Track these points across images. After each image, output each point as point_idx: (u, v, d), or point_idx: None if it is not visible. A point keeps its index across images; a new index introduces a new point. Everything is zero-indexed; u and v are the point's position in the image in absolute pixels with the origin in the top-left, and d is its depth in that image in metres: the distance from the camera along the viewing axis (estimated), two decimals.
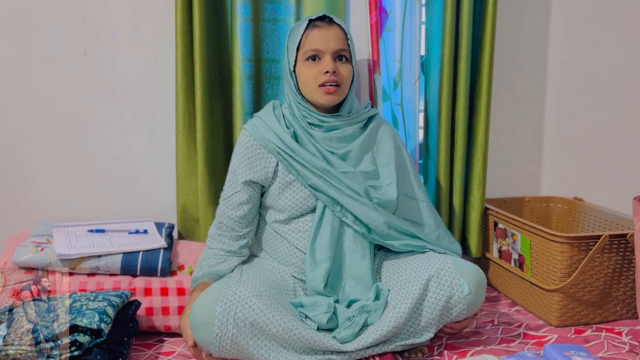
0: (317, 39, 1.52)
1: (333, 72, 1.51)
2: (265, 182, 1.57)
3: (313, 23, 1.54)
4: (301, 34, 1.53)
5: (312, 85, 1.53)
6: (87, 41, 1.84)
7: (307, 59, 1.53)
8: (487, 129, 1.96)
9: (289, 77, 1.57)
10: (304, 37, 1.53)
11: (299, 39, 1.53)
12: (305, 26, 1.54)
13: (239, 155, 1.58)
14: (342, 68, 1.54)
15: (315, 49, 1.52)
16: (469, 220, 2.01)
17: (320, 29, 1.53)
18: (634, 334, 1.67)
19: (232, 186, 1.58)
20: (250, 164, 1.56)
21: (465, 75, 1.90)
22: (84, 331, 1.32)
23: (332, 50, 1.52)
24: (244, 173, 1.56)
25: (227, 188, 1.60)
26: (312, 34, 1.53)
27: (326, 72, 1.51)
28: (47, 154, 1.88)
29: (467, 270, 1.52)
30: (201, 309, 1.43)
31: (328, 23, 1.54)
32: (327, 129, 1.57)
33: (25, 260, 1.57)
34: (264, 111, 1.61)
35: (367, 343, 1.42)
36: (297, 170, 1.54)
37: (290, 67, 1.56)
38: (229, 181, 1.60)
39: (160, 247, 1.67)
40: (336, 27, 1.54)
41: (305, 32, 1.53)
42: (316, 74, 1.52)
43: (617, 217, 1.89)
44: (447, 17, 1.86)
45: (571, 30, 2.14)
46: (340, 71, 1.53)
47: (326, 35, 1.52)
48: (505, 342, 1.62)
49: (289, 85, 1.59)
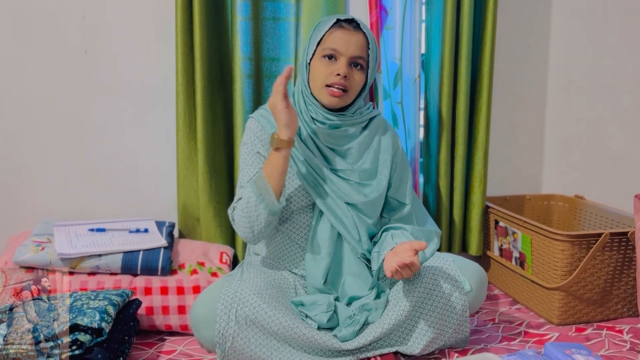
0: (339, 39, 1.51)
1: (344, 76, 1.50)
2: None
3: (340, 23, 1.53)
4: (326, 29, 1.52)
5: (320, 83, 1.53)
6: (88, 40, 1.84)
7: (324, 56, 1.53)
8: (487, 127, 1.96)
9: (304, 68, 1.57)
10: (328, 34, 1.52)
11: (323, 34, 1.53)
12: (332, 24, 1.53)
13: (249, 137, 1.56)
14: (355, 74, 1.53)
15: (334, 48, 1.51)
16: (469, 219, 2.01)
17: (345, 31, 1.52)
18: (635, 332, 1.67)
19: (249, 165, 1.54)
20: (262, 142, 1.55)
21: (465, 73, 1.90)
22: (85, 330, 1.32)
23: (350, 55, 1.52)
24: (258, 146, 1.54)
25: (243, 173, 1.55)
26: (336, 33, 1.52)
27: (337, 75, 1.51)
28: (47, 152, 1.88)
29: (468, 268, 1.52)
30: (202, 307, 1.44)
31: (354, 27, 1.53)
32: (330, 126, 1.57)
33: (26, 260, 1.57)
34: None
35: (367, 341, 1.42)
36: (293, 160, 1.54)
37: (308, 58, 1.56)
38: (243, 168, 1.55)
39: (161, 246, 1.67)
40: (361, 33, 1.54)
41: (330, 29, 1.53)
42: (327, 74, 1.52)
43: (618, 215, 1.89)
44: (447, 15, 1.85)
45: (572, 28, 2.13)
46: (352, 77, 1.53)
47: (349, 39, 1.51)
48: (506, 341, 1.62)
49: (301, 76, 1.59)
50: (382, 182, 1.58)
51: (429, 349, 1.48)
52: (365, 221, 1.55)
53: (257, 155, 1.54)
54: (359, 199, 1.54)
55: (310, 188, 1.53)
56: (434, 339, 1.47)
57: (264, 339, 1.40)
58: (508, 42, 2.07)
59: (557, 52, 2.14)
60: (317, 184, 1.54)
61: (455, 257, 1.56)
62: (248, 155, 1.55)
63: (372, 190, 1.56)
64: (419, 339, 1.46)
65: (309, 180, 1.53)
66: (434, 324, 1.46)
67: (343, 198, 1.54)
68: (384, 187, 1.58)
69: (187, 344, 1.58)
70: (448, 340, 1.49)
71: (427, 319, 1.46)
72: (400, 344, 1.47)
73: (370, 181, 1.58)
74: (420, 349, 1.46)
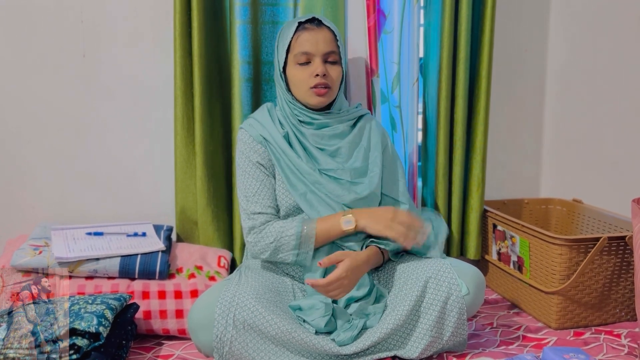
0: (306, 41, 1.53)
1: (323, 75, 1.53)
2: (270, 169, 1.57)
3: (303, 25, 1.55)
4: (291, 35, 1.54)
5: (304, 88, 1.55)
6: (86, 43, 1.84)
7: (298, 63, 1.54)
8: (486, 130, 1.96)
9: (279, 77, 1.59)
10: (294, 39, 1.54)
11: (289, 40, 1.55)
12: (295, 28, 1.55)
13: (243, 148, 1.58)
14: (332, 70, 1.56)
15: (305, 51, 1.53)
16: (467, 222, 2.01)
17: (310, 31, 1.54)
18: (633, 336, 1.67)
19: (250, 177, 1.56)
20: (256, 152, 1.56)
21: (464, 77, 1.90)
22: (82, 334, 1.32)
23: (322, 52, 1.54)
24: (254, 157, 1.56)
25: (245, 185, 1.56)
26: (302, 36, 1.54)
27: (316, 75, 1.53)
28: (46, 155, 1.88)
29: (466, 272, 1.52)
30: (200, 311, 1.43)
31: (317, 25, 1.55)
32: (318, 126, 1.59)
33: (23, 264, 1.57)
34: (258, 112, 1.64)
35: (365, 346, 1.42)
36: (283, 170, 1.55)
37: (280, 67, 1.57)
38: (244, 180, 1.56)
39: (159, 250, 1.67)
40: (325, 29, 1.56)
41: (295, 34, 1.55)
42: (307, 77, 1.54)
43: (616, 219, 1.89)
44: (445, 19, 1.86)
45: (570, 32, 2.14)
46: (330, 73, 1.55)
47: (316, 38, 1.54)
48: (504, 345, 1.61)
49: (279, 85, 1.61)
50: (374, 179, 1.59)
51: (427, 353, 1.47)
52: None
53: (257, 165, 1.56)
54: (350, 198, 1.54)
55: (299, 198, 1.54)
56: (432, 343, 1.46)
57: (261, 343, 1.40)
58: (506, 46, 2.08)
59: (555, 56, 2.14)
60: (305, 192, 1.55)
61: (453, 261, 1.56)
62: (247, 167, 1.57)
63: (364, 188, 1.57)
64: (417, 343, 1.46)
65: (298, 190, 1.54)
66: (432, 328, 1.46)
67: (334, 201, 1.54)
68: (376, 184, 1.58)
69: (184, 349, 1.57)
70: (446, 344, 1.49)
71: (425, 323, 1.46)
72: (398, 348, 1.47)
73: (361, 179, 1.58)
74: (418, 353, 1.45)
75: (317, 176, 1.55)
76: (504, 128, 2.14)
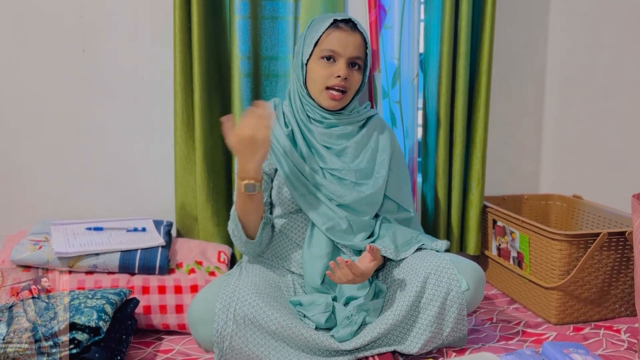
0: (337, 40, 1.52)
1: (345, 78, 1.52)
2: (270, 172, 1.57)
3: (337, 23, 1.53)
4: (323, 30, 1.52)
5: (320, 86, 1.53)
6: (86, 39, 1.84)
7: (323, 58, 1.53)
8: (486, 126, 1.96)
9: (299, 68, 1.57)
10: (325, 34, 1.52)
11: (320, 35, 1.53)
12: (328, 24, 1.53)
13: None
14: (354, 75, 1.55)
15: (333, 49, 1.52)
16: (467, 218, 2.01)
17: (343, 31, 1.53)
18: (633, 332, 1.67)
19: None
20: None
21: (464, 73, 1.90)
22: (82, 329, 1.32)
23: (349, 55, 1.53)
24: None
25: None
26: (334, 34, 1.52)
27: (337, 77, 1.51)
28: (45, 151, 1.88)
29: (466, 267, 1.52)
30: (200, 306, 1.43)
31: (352, 28, 1.54)
32: (328, 125, 1.58)
33: (23, 259, 1.57)
34: None
35: (365, 341, 1.42)
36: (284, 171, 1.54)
37: (305, 59, 1.56)
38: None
39: (159, 245, 1.67)
40: (358, 33, 1.54)
41: (327, 30, 1.53)
42: (327, 75, 1.52)
43: (616, 215, 1.89)
44: (446, 15, 1.85)
45: (570, 28, 2.14)
46: (352, 78, 1.54)
47: (347, 40, 1.52)
48: (504, 340, 1.62)
49: (296, 77, 1.59)
50: (378, 181, 1.59)
51: (427, 348, 1.47)
52: (360, 220, 1.55)
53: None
54: (352, 197, 1.54)
55: (299, 198, 1.54)
56: (432, 338, 1.47)
57: (262, 338, 1.40)
58: (506, 41, 2.07)
59: (555, 52, 2.14)
60: (305, 193, 1.54)
61: (453, 256, 1.56)
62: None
63: (367, 189, 1.57)
64: (417, 338, 1.46)
65: (299, 191, 1.54)
66: (432, 323, 1.45)
67: (336, 201, 1.54)
68: (380, 185, 1.58)
69: (184, 343, 1.58)
70: (446, 339, 1.49)
71: (425, 318, 1.46)
72: (398, 343, 1.47)
73: (366, 180, 1.58)
74: (418, 348, 1.45)
75: (318, 177, 1.54)
76: (504, 124, 2.14)
